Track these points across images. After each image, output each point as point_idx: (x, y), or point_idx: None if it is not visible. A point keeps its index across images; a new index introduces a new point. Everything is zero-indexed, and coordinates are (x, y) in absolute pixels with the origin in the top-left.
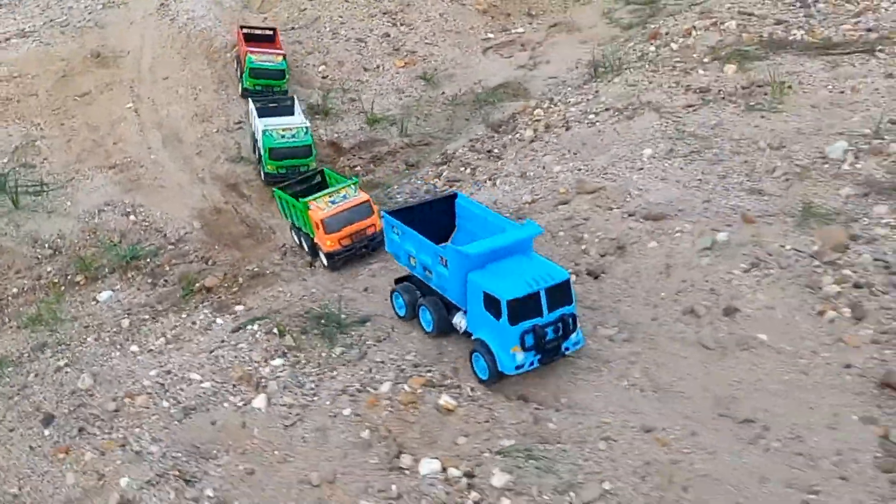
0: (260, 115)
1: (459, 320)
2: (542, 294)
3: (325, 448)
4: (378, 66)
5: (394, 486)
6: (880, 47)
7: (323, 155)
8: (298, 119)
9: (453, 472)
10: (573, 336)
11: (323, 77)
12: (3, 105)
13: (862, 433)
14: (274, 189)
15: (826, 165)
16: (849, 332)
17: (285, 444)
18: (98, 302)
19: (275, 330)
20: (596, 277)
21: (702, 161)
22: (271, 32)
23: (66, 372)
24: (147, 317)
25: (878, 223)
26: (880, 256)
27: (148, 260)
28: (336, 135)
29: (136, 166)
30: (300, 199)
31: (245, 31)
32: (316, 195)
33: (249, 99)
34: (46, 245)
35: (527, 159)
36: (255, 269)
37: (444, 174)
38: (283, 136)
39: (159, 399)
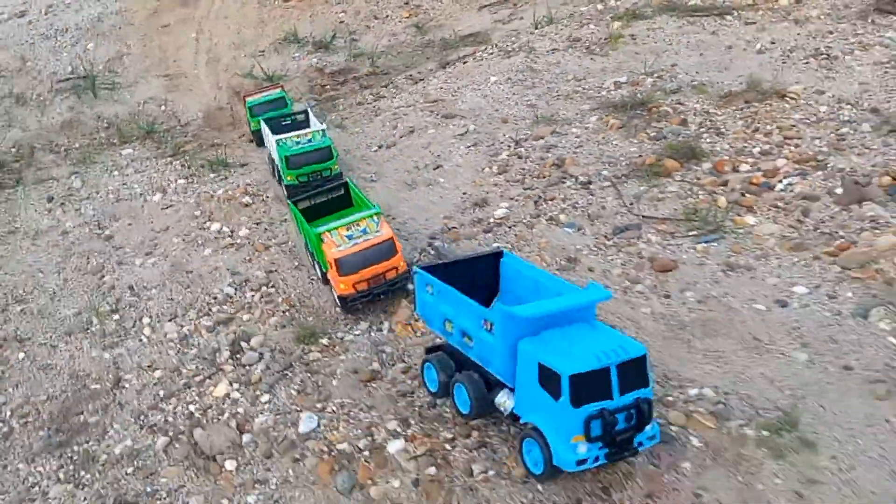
0: (273, 133)
1: (504, 399)
2: (613, 371)
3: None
4: (387, 16)
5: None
6: (735, 12)
7: (310, 77)
8: (313, 126)
9: None
10: (648, 428)
11: (340, 21)
12: (109, 30)
13: None
14: (288, 202)
15: (596, 92)
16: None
17: (156, 216)
18: (121, 155)
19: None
20: (388, 148)
21: (521, 86)
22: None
23: (77, 182)
24: (144, 163)
25: (583, 126)
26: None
27: (160, 133)
28: (325, 63)
29: (180, 77)
30: (313, 227)
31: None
32: (331, 225)
33: (261, 121)
34: (105, 121)
35: (434, 83)
36: (218, 142)
37: (373, 90)
38: (298, 143)
39: (116, 190)
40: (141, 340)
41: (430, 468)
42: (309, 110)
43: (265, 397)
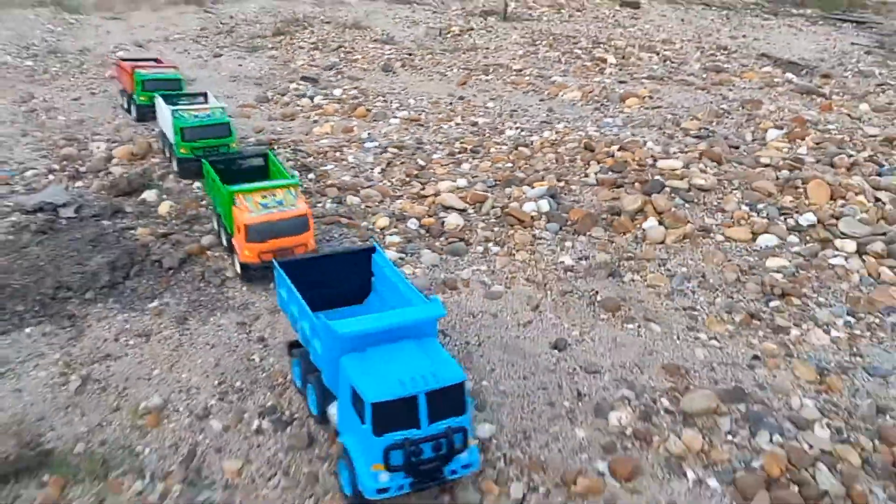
0: (167, 104)
1: (333, 412)
2: (422, 398)
3: None
4: None
5: None
6: None
7: None
8: (212, 103)
9: None
10: (463, 456)
11: None
12: None
13: None
14: (202, 160)
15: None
16: None
17: None
18: None
19: None
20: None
21: None
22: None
23: None
24: None
25: None
26: None
27: None
28: None
29: None
30: (226, 186)
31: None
32: (246, 187)
33: (156, 95)
34: None
35: None
36: None
37: None
38: (196, 116)
39: None
40: None
41: None
42: (209, 93)
43: None
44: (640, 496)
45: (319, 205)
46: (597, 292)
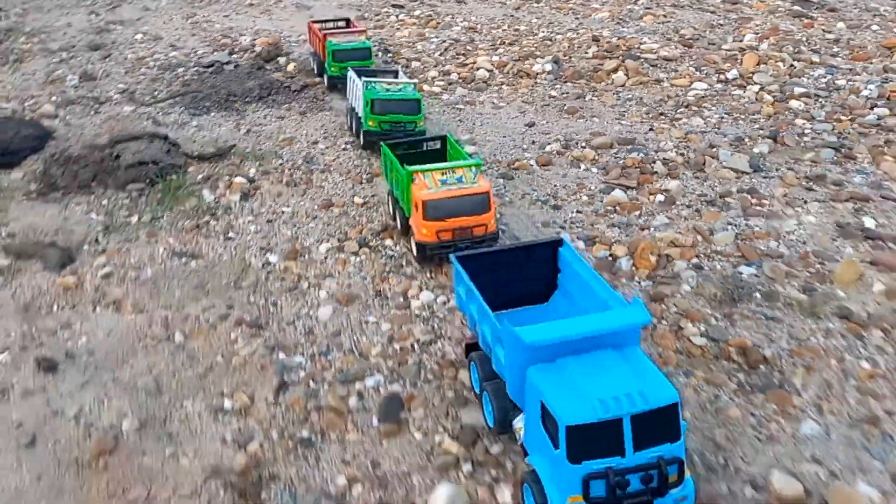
0: (360, 77)
1: (519, 426)
2: (627, 422)
3: None
4: None
5: None
6: None
7: None
8: (404, 78)
9: None
10: (676, 490)
11: None
12: None
13: None
14: (381, 143)
15: None
16: None
17: None
18: None
19: None
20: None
21: None
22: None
23: None
24: None
25: None
26: None
27: None
28: None
29: None
30: (406, 166)
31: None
32: (426, 167)
33: (349, 68)
34: None
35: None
36: None
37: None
38: (387, 90)
39: None
40: None
41: None
42: (401, 71)
43: None
44: (550, 174)
45: (386, 63)
46: (566, 105)
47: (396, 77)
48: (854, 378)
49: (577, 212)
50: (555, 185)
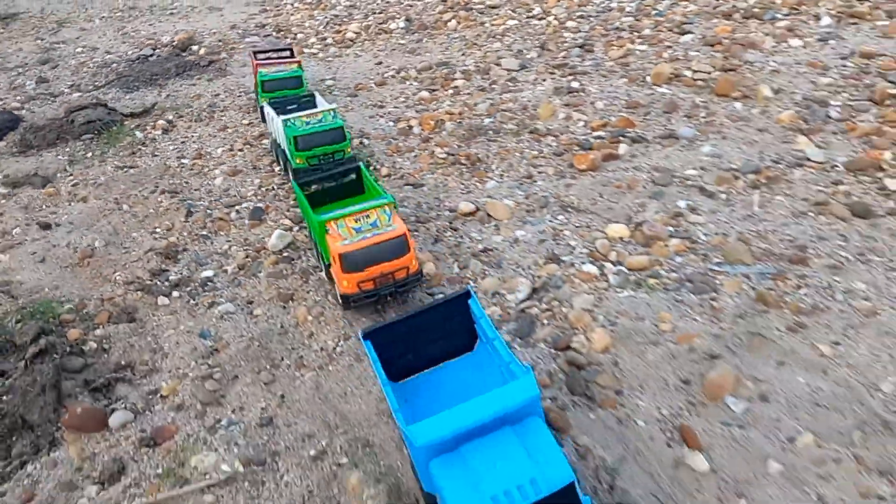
0: (278, 114)
1: None
2: None
3: None
4: None
5: None
6: None
7: None
8: (322, 105)
9: None
10: None
11: None
12: None
13: None
14: (292, 181)
15: None
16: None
17: None
18: None
19: None
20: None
21: None
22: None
23: None
24: None
25: None
26: None
27: None
28: None
29: None
30: (317, 214)
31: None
32: (338, 213)
33: (265, 103)
34: None
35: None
36: None
37: None
38: (307, 123)
39: None
40: None
41: None
42: (316, 93)
43: None
44: (384, 90)
45: (276, 39)
46: (408, 48)
47: (313, 100)
48: (526, 160)
49: (395, 107)
50: (385, 96)
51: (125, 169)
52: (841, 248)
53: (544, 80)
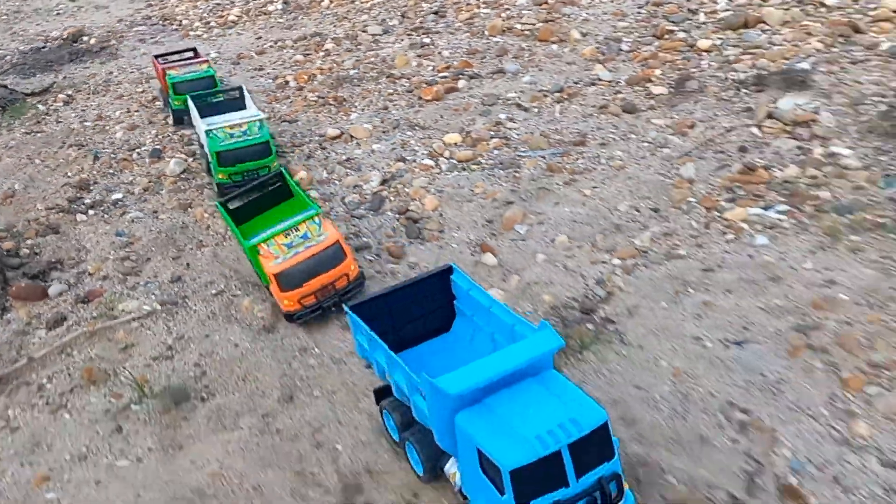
0: (202, 116)
1: (453, 471)
2: (566, 453)
3: None
4: None
5: None
6: None
7: None
8: (250, 112)
9: None
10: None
11: None
12: None
13: None
14: (217, 203)
15: None
16: None
17: None
18: None
19: None
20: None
21: None
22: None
23: None
24: None
25: None
26: None
27: None
28: None
29: None
30: (245, 234)
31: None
32: (267, 234)
33: (188, 98)
34: None
35: None
36: None
37: None
38: (231, 136)
39: None
40: None
41: None
42: (244, 88)
43: None
44: (263, 58)
45: (163, 26)
46: (285, 25)
47: (241, 98)
48: (383, 97)
49: (273, 69)
50: (265, 62)
51: (33, 133)
52: (611, 133)
53: (402, 40)
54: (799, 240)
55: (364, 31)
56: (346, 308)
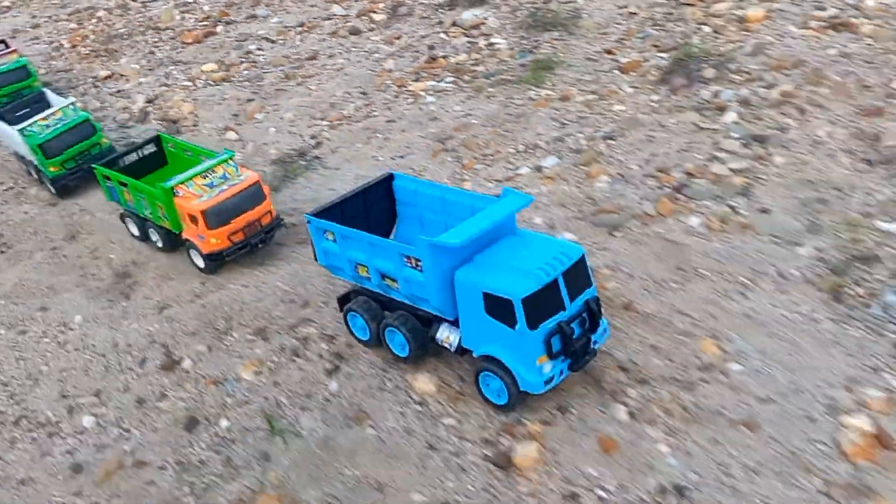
0: (10, 123)
1: (447, 334)
2: (561, 281)
3: None
4: None
5: None
6: None
7: None
8: (59, 102)
9: None
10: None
11: None
12: None
13: None
14: (95, 166)
15: None
16: None
17: None
18: None
19: None
20: None
21: None
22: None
23: None
24: None
25: None
26: None
27: None
28: None
29: None
30: (158, 185)
31: None
32: (182, 176)
33: None
34: None
35: None
36: None
37: None
38: (48, 127)
39: None
40: None
41: None
42: (46, 91)
43: None
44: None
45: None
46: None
47: (45, 99)
48: (150, 45)
49: (48, 38)
50: (40, 34)
51: None
52: (338, 50)
53: (168, 2)
54: (455, 97)
55: (135, 1)
56: (307, 217)
